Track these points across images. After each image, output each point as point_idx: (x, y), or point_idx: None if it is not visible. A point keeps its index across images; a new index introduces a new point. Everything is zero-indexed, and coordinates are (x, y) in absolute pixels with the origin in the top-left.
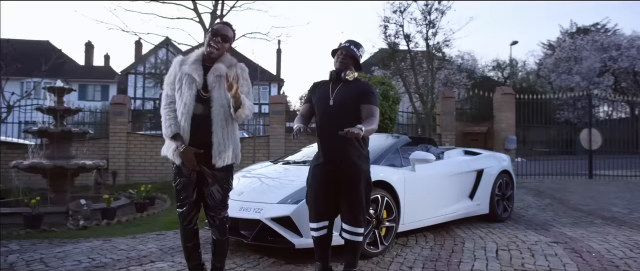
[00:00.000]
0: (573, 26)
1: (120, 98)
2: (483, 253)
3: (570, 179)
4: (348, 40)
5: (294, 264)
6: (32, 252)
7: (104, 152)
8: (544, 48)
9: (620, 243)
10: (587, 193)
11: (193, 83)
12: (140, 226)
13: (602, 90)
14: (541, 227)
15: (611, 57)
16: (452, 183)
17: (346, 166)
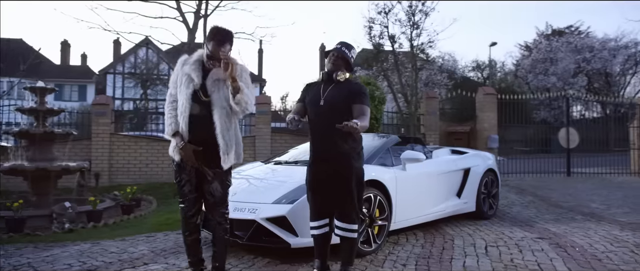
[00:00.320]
0: (548, 28)
1: (103, 99)
2: (473, 249)
3: (549, 177)
4: (340, 42)
5: (289, 264)
6: (18, 257)
7: (86, 153)
8: (521, 49)
9: (601, 237)
10: (566, 190)
11: (191, 83)
12: (129, 229)
13: (576, 91)
14: (526, 224)
15: (585, 59)
16: (440, 182)
17: (338, 164)
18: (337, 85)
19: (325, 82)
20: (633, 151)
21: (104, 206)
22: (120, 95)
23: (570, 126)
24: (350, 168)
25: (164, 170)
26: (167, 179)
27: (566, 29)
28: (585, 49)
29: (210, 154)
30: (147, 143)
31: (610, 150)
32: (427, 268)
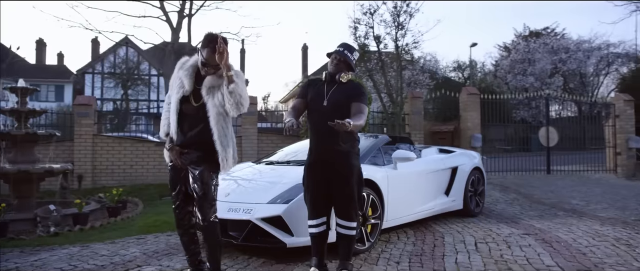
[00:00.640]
0: (526, 29)
1: (85, 99)
2: (463, 246)
3: (530, 175)
4: (342, 44)
5: (285, 263)
6: (4, 262)
7: (68, 155)
8: (500, 50)
9: (584, 232)
10: (547, 187)
11: (181, 89)
12: (117, 231)
13: (553, 91)
14: (511, 220)
15: (561, 59)
16: (430, 181)
17: (338, 163)
18: (339, 86)
19: (328, 82)
20: (608, 149)
21: (90, 209)
22: (100, 96)
23: (549, 125)
24: (351, 167)
25: (148, 171)
26: (152, 180)
27: (543, 31)
28: (561, 50)
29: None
30: (131, 144)
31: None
32: (420, 265)
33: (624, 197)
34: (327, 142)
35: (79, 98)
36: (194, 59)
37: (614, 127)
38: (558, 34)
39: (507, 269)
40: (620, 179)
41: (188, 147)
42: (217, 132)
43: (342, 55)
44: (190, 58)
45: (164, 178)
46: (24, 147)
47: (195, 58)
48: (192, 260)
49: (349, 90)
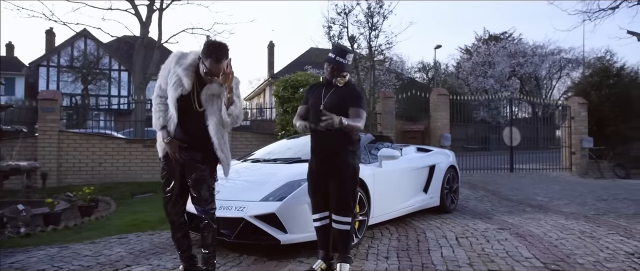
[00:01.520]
0: (486, 33)
1: (51, 94)
2: (445, 241)
3: (494, 173)
4: (335, 49)
5: (277, 260)
6: None
7: (30, 152)
8: (462, 52)
9: (552, 226)
10: (512, 185)
11: (179, 88)
12: (94, 231)
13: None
14: (485, 216)
15: (519, 63)
16: (411, 178)
17: (336, 162)
18: (336, 89)
19: (326, 86)
20: (564, 149)
21: (61, 209)
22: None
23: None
24: (347, 166)
25: (118, 169)
26: (122, 179)
27: (501, 35)
28: (519, 54)
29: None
30: (99, 141)
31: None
32: (409, 260)
33: (581, 193)
34: (325, 143)
35: (43, 93)
36: (192, 57)
37: (570, 128)
38: (515, 39)
39: (490, 262)
40: (574, 177)
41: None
42: (217, 140)
43: (335, 62)
44: (188, 53)
45: (134, 177)
46: None
47: (193, 56)
48: (185, 256)
49: (346, 94)
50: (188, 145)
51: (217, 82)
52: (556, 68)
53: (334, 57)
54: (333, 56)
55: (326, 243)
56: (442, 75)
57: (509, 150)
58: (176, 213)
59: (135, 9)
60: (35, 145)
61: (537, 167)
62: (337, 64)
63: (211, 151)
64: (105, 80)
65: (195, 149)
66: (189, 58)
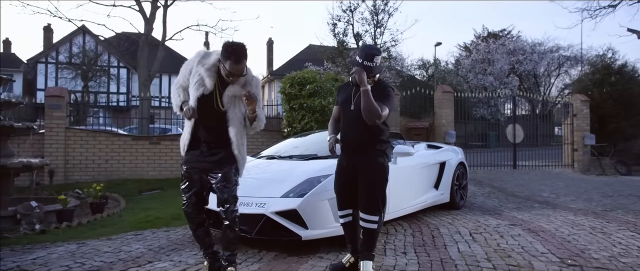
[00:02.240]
0: (485, 31)
1: (57, 91)
2: (460, 236)
3: (497, 169)
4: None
5: (297, 256)
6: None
7: (37, 148)
8: (461, 49)
9: (562, 222)
10: (517, 181)
11: (201, 87)
12: (107, 228)
13: (510, 90)
14: (494, 212)
15: (518, 60)
16: (423, 175)
17: (365, 160)
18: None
19: (355, 85)
20: (566, 146)
21: (72, 205)
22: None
23: (511, 123)
24: (376, 165)
25: (124, 166)
26: (129, 175)
27: (500, 32)
28: (518, 51)
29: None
30: (106, 138)
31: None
32: (426, 255)
33: (586, 189)
34: (355, 142)
35: (50, 90)
36: (215, 57)
37: (572, 125)
38: (514, 36)
39: (507, 257)
40: (577, 173)
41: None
42: (236, 141)
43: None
44: (211, 53)
45: (140, 173)
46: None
47: (216, 56)
48: (208, 252)
49: (374, 94)
50: (208, 145)
51: (240, 83)
52: (554, 66)
53: (362, 62)
54: (361, 61)
55: (353, 237)
56: (441, 72)
57: (509, 147)
58: (194, 216)
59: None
60: (42, 142)
61: (539, 164)
62: (365, 68)
63: (230, 152)
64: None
65: (216, 149)
66: (211, 58)
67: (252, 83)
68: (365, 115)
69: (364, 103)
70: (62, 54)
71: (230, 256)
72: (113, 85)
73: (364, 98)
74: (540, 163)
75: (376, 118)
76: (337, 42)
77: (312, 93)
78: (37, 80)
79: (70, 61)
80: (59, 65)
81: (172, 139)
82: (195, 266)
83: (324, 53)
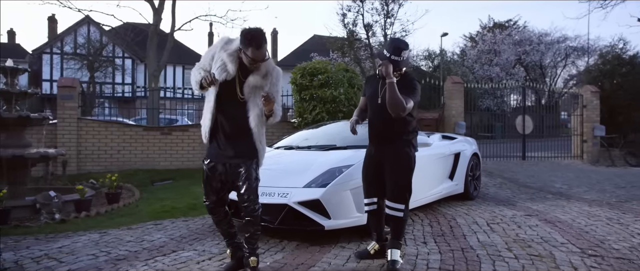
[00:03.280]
0: (490, 21)
1: (69, 81)
2: (478, 227)
3: (506, 161)
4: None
5: (319, 245)
6: (26, 249)
7: (50, 139)
8: (466, 40)
9: (578, 213)
10: (527, 172)
11: (224, 73)
12: (125, 218)
13: (516, 81)
14: (508, 203)
15: (524, 51)
16: (438, 165)
17: (392, 150)
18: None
19: (382, 78)
20: (575, 137)
21: (89, 195)
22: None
23: (519, 114)
24: (403, 154)
25: (136, 156)
26: (141, 166)
27: (506, 23)
28: (525, 42)
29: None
30: (117, 128)
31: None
32: (447, 244)
33: (597, 180)
34: (382, 134)
35: (62, 80)
36: (237, 44)
37: (582, 116)
38: (520, 27)
39: (528, 247)
40: (586, 164)
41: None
42: (257, 132)
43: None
44: (234, 39)
45: (152, 164)
46: (15, 130)
47: (238, 43)
48: (231, 242)
49: (400, 87)
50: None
51: (261, 73)
52: (561, 57)
53: (389, 56)
54: (388, 54)
55: (378, 225)
56: (447, 63)
57: (516, 138)
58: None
59: None
60: (54, 132)
61: (547, 155)
62: (392, 62)
63: (251, 142)
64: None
65: (235, 140)
66: (234, 44)
67: (273, 74)
68: (389, 107)
69: (389, 95)
70: (67, 45)
71: (253, 249)
72: (118, 75)
73: (389, 90)
74: (548, 154)
75: (400, 111)
76: (346, 33)
77: (323, 83)
78: (42, 71)
79: (76, 52)
80: (65, 55)
81: (183, 130)
82: (219, 256)
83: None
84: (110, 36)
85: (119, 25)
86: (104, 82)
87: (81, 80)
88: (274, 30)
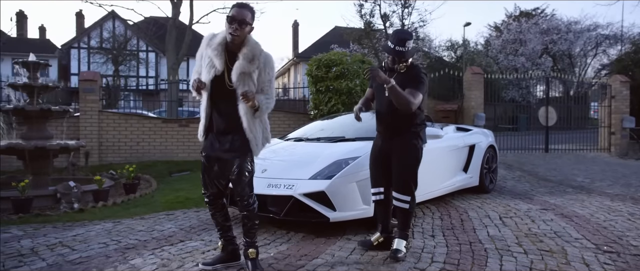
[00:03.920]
0: (517, 9)
1: (91, 75)
2: (489, 220)
3: (528, 153)
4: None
5: (325, 237)
6: (43, 236)
7: (73, 131)
8: (491, 30)
9: (597, 208)
10: (549, 165)
11: (212, 69)
12: (140, 208)
13: (542, 71)
14: (525, 196)
15: (552, 40)
16: (452, 158)
17: (399, 141)
18: (399, 75)
19: (389, 70)
20: (603, 128)
21: (107, 186)
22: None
23: (544, 105)
24: (410, 146)
25: (155, 148)
26: (159, 157)
27: (533, 11)
28: (552, 30)
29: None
30: (137, 120)
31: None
32: (455, 238)
33: (623, 174)
34: (390, 126)
35: (83, 74)
36: (221, 36)
37: (610, 107)
38: (548, 15)
39: (539, 242)
40: (613, 157)
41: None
42: (246, 121)
43: (395, 53)
44: (217, 34)
45: (170, 155)
46: (37, 122)
47: (222, 35)
48: (224, 235)
49: (406, 79)
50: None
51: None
52: (591, 45)
53: (394, 48)
54: (392, 46)
55: (383, 216)
56: (470, 53)
57: (540, 130)
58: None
59: None
60: (77, 124)
61: (572, 148)
62: (397, 54)
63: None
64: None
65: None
66: (218, 37)
67: (260, 58)
68: (398, 107)
69: (394, 98)
70: (94, 39)
71: (251, 241)
72: (142, 69)
73: (392, 94)
74: (574, 146)
75: (409, 108)
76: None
77: (339, 75)
78: (70, 65)
79: (101, 46)
80: (91, 50)
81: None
82: None
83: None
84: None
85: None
86: (128, 75)
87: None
88: (295, 22)
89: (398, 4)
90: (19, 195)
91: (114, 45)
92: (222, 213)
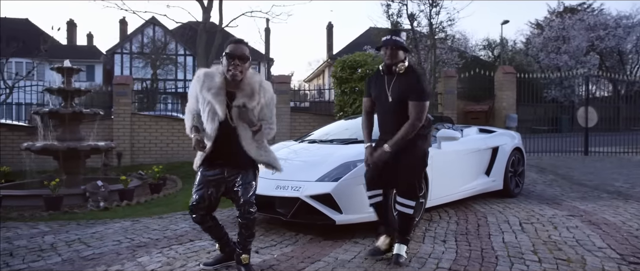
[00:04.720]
0: (560, 5)
1: (123, 79)
2: (508, 226)
3: (566, 156)
4: (390, 31)
5: (333, 240)
6: (65, 233)
7: (107, 133)
8: (532, 27)
9: (632, 215)
10: (586, 169)
11: (215, 117)
12: (161, 207)
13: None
14: (553, 201)
15: (598, 37)
16: (471, 160)
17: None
18: (399, 77)
19: (387, 74)
20: None
21: (133, 185)
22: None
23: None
24: (416, 149)
25: (184, 149)
26: (187, 158)
27: (578, 6)
28: (600, 26)
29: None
30: (167, 123)
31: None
32: (467, 244)
33: None
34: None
35: (117, 78)
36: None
37: None
38: (595, 10)
39: (557, 250)
40: None
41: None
42: (254, 150)
43: (396, 43)
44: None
45: None
46: (70, 125)
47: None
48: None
49: (409, 84)
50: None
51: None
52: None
53: (390, 37)
54: (389, 37)
55: (384, 218)
56: (509, 52)
57: (582, 132)
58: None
59: None
60: (111, 126)
61: (616, 151)
62: (395, 43)
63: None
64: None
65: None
66: (216, 79)
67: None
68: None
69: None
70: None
71: (245, 248)
72: (180, 72)
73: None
74: (618, 149)
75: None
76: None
77: (364, 76)
78: (114, 69)
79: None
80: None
81: None
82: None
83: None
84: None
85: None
86: (166, 79)
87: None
88: (329, 24)
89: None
90: (51, 193)
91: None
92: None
